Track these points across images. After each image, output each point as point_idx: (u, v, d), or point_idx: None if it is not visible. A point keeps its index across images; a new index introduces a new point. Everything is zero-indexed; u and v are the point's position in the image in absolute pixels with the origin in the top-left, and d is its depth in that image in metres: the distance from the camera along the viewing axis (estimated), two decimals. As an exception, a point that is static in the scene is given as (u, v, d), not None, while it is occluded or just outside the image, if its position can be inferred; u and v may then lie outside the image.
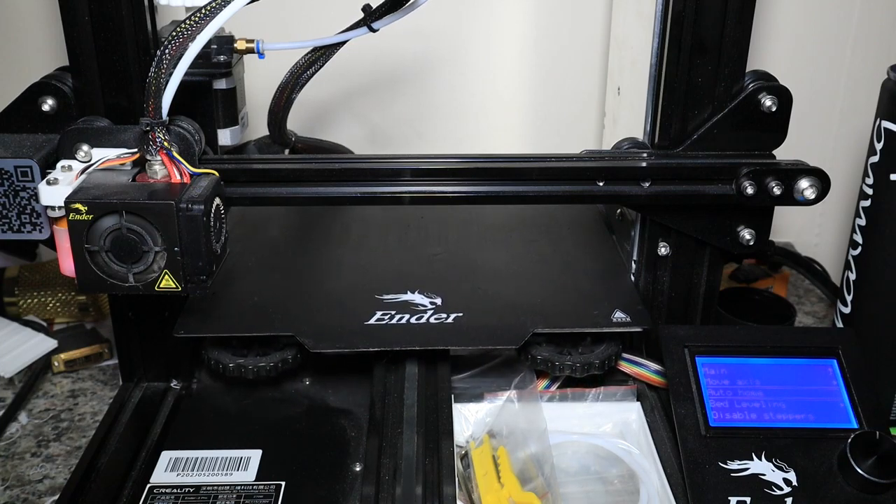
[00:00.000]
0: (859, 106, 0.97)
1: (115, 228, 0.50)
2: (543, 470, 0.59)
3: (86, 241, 0.51)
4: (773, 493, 0.55)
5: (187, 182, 0.53)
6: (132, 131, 0.55)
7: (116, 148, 0.55)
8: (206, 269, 0.51)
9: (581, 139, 0.98)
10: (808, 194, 0.61)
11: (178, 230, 0.50)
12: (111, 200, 0.50)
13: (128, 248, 0.50)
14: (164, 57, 0.51)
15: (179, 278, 0.51)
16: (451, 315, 0.65)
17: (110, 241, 0.50)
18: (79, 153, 0.55)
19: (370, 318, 0.65)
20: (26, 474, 0.66)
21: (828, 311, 0.91)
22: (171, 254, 0.50)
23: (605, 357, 0.65)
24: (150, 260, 0.51)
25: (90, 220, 0.50)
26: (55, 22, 0.59)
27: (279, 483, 0.57)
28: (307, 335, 0.63)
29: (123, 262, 0.51)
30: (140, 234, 0.50)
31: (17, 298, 0.84)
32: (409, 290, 0.68)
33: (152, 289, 0.52)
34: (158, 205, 0.50)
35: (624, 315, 0.65)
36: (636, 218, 0.68)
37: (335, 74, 0.93)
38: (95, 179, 0.53)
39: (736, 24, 0.60)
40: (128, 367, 0.69)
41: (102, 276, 0.51)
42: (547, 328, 0.64)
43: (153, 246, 0.51)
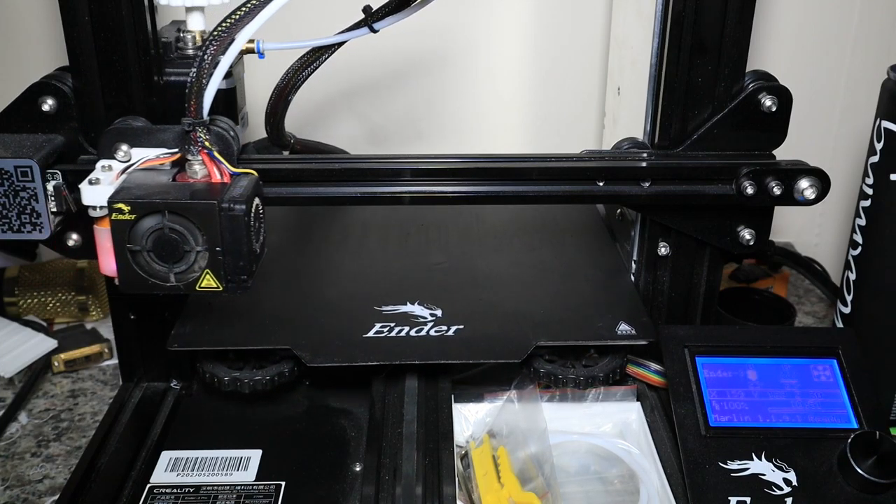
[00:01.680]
0: (859, 106, 0.97)
1: (158, 228, 0.50)
2: (543, 470, 0.59)
3: (128, 240, 0.50)
4: (773, 493, 0.55)
5: (227, 182, 0.52)
6: (171, 131, 0.54)
7: (155, 148, 0.55)
8: (247, 268, 0.51)
9: (581, 139, 0.98)
10: (808, 194, 0.61)
11: (220, 230, 0.50)
12: (154, 200, 0.50)
13: (170, 247, 0.50)
14: (205, 57, 0.50)
15: (220, 278, 0.51)
16: (452, 327, 0.64)
17: (152, 240, 0.50)
18: (118, 153, 0.54)
19: (369, 331, 0.63)
20: (26, 474, 0.66)
21: (828, 311, 0.91)
22: (212, 253, 0.50)
23: (609, 370, 0.63)
24: (192, 260, 0.51)
25: (133, 219, 0.50)
26: (55, 22, 0.59)
27: (279, 483, 0.57)
28: (304, 348, 0.61)
29: (165, 261, 0.51)
30: (182, 233, 0.50)
31: (17, 298, 0.84)
32: (408, 300, 0.67)
33: (193, 288, 0.51)
34: (201, 204, 0.49)
35: (629, 327, 0.64)
36: (636, 218, 0.68)
37: (335, 75, 0.93)
38: (136, 179, 0.53)
39: (736, 24, 0.60)
40: (128, 367, 0.69)
41: (144, 275, 0.51)
42: (550, 341, 0.63)
43: (195, 246, 0.50)
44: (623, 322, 0.64)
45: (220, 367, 0.63)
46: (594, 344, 0.64)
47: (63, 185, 0.58)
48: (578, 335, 0.63)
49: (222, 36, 0.51)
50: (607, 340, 0.63)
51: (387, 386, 0.65)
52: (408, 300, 0.67)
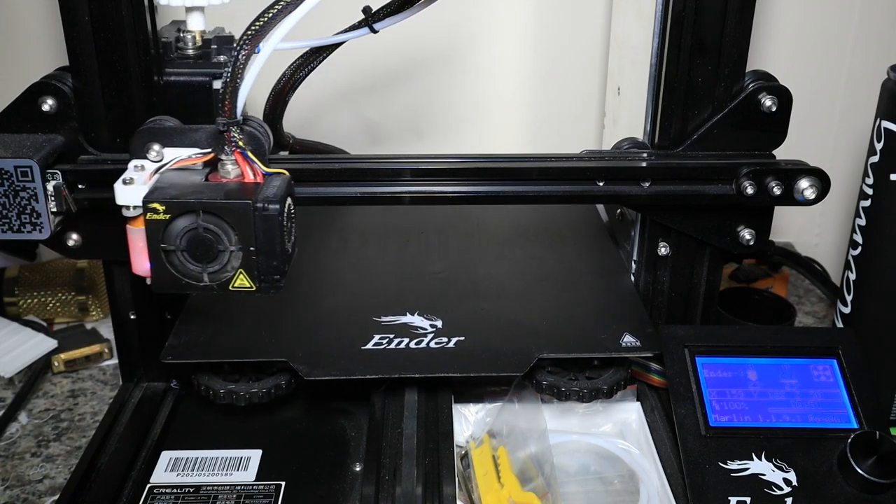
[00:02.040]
0: (859, 106, 0.97)
1: (192, 228, 0.50)
2: (543, 470, 0.59)
3: (162, 240, 0.50)
4: (773, 493, 0.55)
5: (260, 182, 0.52)
6: (204, 131, 0.54)
7: (187, 148, 0.54)
8: (280, 268, 0.51)
9: (581, 139, 0.98)
10: (808, 194, 0.61)
11: (254, 230, 0.50)
12: (189, 200, 0.49)
13: (204, 247, 0.50)
14: (238, 57, 0.50)
15: (254, 278, 0.51)
16: (453, 339, 0.63)
17: (186, 240, 0.50)
18: (150, 153, 0.54)
19: (368, 342, 0.62)
20: (26, 474, 0.66)
21: (828, 311, 0.91)
22: (246, 253, 0.50)
23: (613, 382, 0.62)
24: (226, 259, 0.51)
25: (167, 219, 0.50)
26: (55, 22, 0.59)
27: (279, 483, 0.57)
28: (301, 361, 0.60)
29: (199, 261, 0.51)
30: (216, 233, 0.50)
31: (17, 298, 0.84)
32: (408, 311, 0.66)
33: (227, 288, 0.51)
34: (236, 204, 0.49)
35: (633, 339, 0.62)
36: (636, 218, 0.68)
37: (335, 74, 0.93)
38: (169, 179, 0.52)
39: (736, 24, 0.60)
40: (128, 367, 0.69)
41: (177, 275, 0.51)
42: (553, 353, 0.61)
43: (228, 245, 0.50)
44: (627, 333, 0.63)
45: (215, 379, 0.62)
46: (598, 356, 0.63)
47: (63, 185, 0.58)
48: (582, 347, 0.62)
49: (256, 35, 0.51)
50: (611, 352, 0.62)
51: (386, 399, 0.64)
52: (407, 310, 0.66)
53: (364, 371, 0.60)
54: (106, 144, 0.61)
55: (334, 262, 0.74)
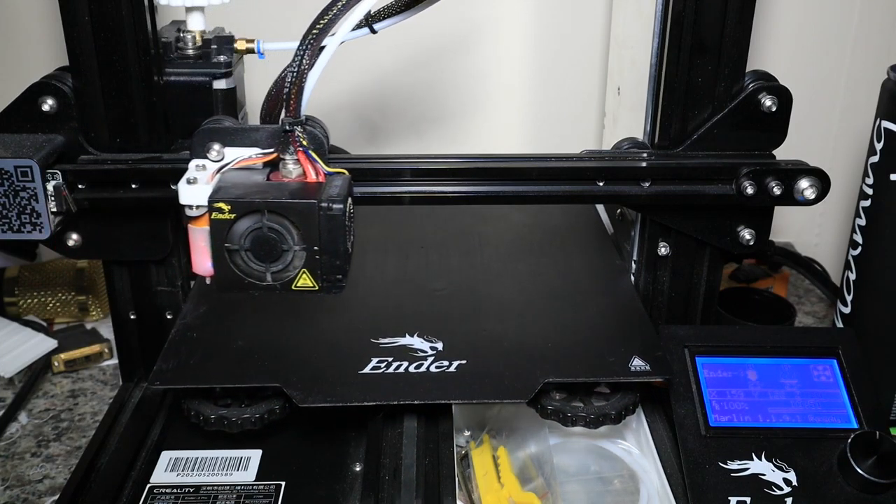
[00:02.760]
0: (859, 106, 0.97)
1: (257, 227, 0.50)
2: (543, 470, 0.59)
3: (225, 240, 0.50)
4: (773, 493, 0.55)
5: (322, 181, 0.52)
6: (264, 131, 0.54)
7: (247, 147, 0.54)
8: (343, 268, 0.51)
9: (581, 139, 0.98)
10: (808, 194, 0.61)
11: (319, 229, 0.50)
12: (254, 199, 0.49)
13: (268, 247, 0.50)
14: (304, 57, 0.50)
15: (317, 277, 0.51)
16: (454, 363, 0.59)
17: (250, 240, 0.50)
18: (210, 153, 0.54)
19: (365, 366, 0.59)
20: (26, 474, 0.66)
21: (828, 311, 0.91)
22: (310, 253, 0.50)
23: (621, 407, 0.59)
24: (289, 259, 0.51)
25: (232, 219, 0.50)
26: (55, 22, 0.59)
27: (279, 483, 0.57)
28: (295, 386, 0.57)
29: (262, 261, 0.51)
30: (280, 233, 0.50)
31: (17, 298, 0.84)
32: (407, 332, 0.62)
33: (289, 288, 0.51)
34: (301, 204, 0.49)
35: (643, 363, 0.59)
36: (636, 218, 0.68)
37: (335, 75, 0.93)
38: (231, 179, 0.52)
39: (736, 24, 0.60)
40: (128, 367, 0.69)
41: (241, 275, 0.51)
42: (559, 377, 0.58)
43: (292, 245, 0.50)
44: (637, 356, 0.60)
45: (205, 403, 0.59)
46: (606, 381, 0.60)
47: (63, 185, 0.58)
48: (589, 371, 0.59)
49: (321, 33, 0.50)
50: (620, 377, 0.58)
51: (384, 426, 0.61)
52: (407, 331, 0.63)
53: (361, 398, 0.57)
54: (106, 144, 0.61)
55: None
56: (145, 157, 0.61)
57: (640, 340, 0.61)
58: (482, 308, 0.66)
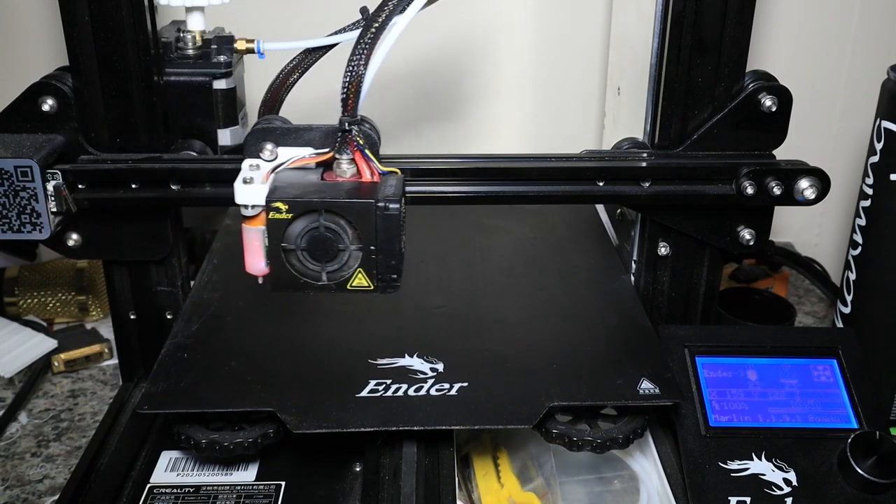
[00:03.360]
0: (859, 106, 0.97)
1: (313, 227, 0.50)
2: (543, 470, 0.59)
3: (282, 239, 0.50)
4: (773, 493, 0.55)
5: (377, 181, 0.52)
6: (318, 130, 0.54)
7: (300, 147, 0.54)
8: (398, 267, 0.51)
9: (581, 139, 0.98)
10: (808, 194, 0.61)
11: (375, 228, 0.50)
12: (312, 199, 0.50)
13: (324, 246, 0.50)
14: (360, 57, 0.50)
15: (372, 277, 0.51)
16: (455, 385, 0.57)
17: (307, 239, 0.50)
18: (264, 152, 0.54)
19: (362, 389, 0.56)
20: (26, 474, 0.66)
21: (828, 311, 0.91)
22: (366, 252, 0.50)
23: (629, 431, 0.56)
24: (345, 259, 0.51)
25: (290, 218, 0.50)
26: (55, 22, 0.59)
27: (279, 483, 0.57)
28: (289, 411, 0.54)
29: (318, 260, 0.51)
30: (337, 232, 0.50)
31: (17, 298, 0.84)
32: (406, 352, 0.60)
33: (345, 287, 0.51)
34: (359, 203, 0.49)
35: (652, 385, 0.57)
36: (636, 218, 0.68)
37: (335, 74, 0.93)
38: (287, 178, 0.52)
39: (736, 24, 0.60)
40: (128, 367, 0.69)
41: (296, 274, 0.51)
42: (564, 401, 0.56)
43: (349, 245, 0.50)
44: (646, 379, 0.57)
45: (196, 427, 0.56)
46: (614, 404, 0.57)
47: (63, 185, 0.58)
48: (596, 394, 0.56)
49: (377, 34, 0.50)
50: (628, 401, 0.56)
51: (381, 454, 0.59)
52: (406, 351, 0.60)
53: (359, 423, 0.54)
54: (106, 144, 0.61)
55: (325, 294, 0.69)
56: (145, 157, 0.61)
57: (649, 361, 0.59)
58: (484, 326, 0.64)
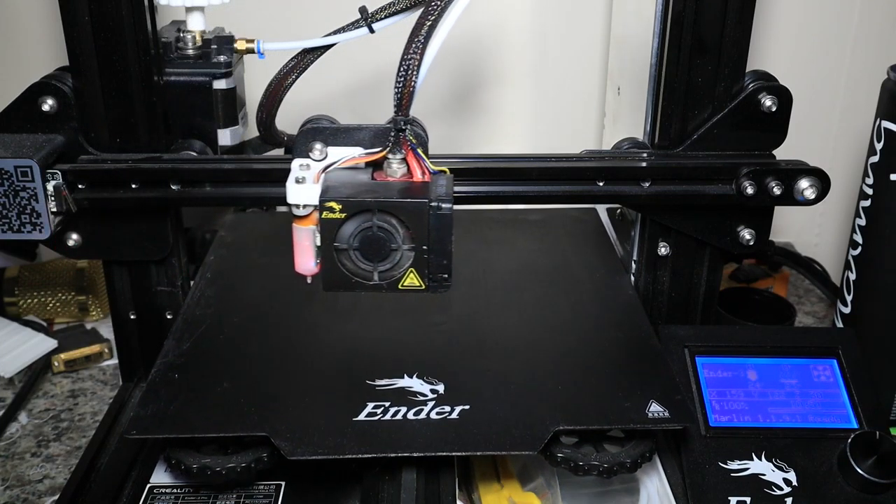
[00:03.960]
0: (859, 106, 0.97)
1: (366, 227, 0.50)
2: (543, 470, 0.59)
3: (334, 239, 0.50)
4: (773, 493, 0.55)
5: (428, 180, 0.52)
6: (367, 130, 0.54)
7: (350, 147, 0.54)
8: (448, 267, 0.51)
9: (581, 139, 0.98)
10: (808, 194, 0.61)
11: (428, 228, 0.50)
12: (365, 199, 0.50)
13: (376, 246, 0.50)
14: (413, 56, 0.50)
15: (424, 276, 0.51)
16: (456, 408, 0.55)
17: (359, 239, 0.50)
18: (313, 152, 0.53)
19: (360, 413, 0.54)
20: (26, 474, 0.66)
21: (828, 311, 0.91)
22: (418, 252, 0.50)
23: (637, 455, 0.54)
24: (397, 258, 0.51)
25: (343, 218, 0.50)
26: (55, 22, 0.59)
27: (279, 483, 0.57)
28: (284, 436, 0.52)
29: (370, 260, 0.51)
30: (389, 232, 0.50)
31: (17, 298, 0.84)
32: (406, 373, 0.58)
33: (396, 287, 0.52)
34: (412, 203, 0.49)
35: (661, 408, 0.55)
36: (636, 218, 0.68)
37: (335, 73, 0.93)
38: (338, 178, 0.52)
39: (736, 24, 0.60)
40: (128, 367, 0.69)
41: (348, 274, 0.51)
42: (570, 425, 0.54)
43: (401, 244, 0.51)
44: (654, 401, 0.55)
45: (187, 451, 0.54)
46: (621, 428, 0.55)
47: (63, 185, 0.58)
48: (602, 417, 0.54)
49: (428, 34, 0.50)
50: (636, 425, 0.54)
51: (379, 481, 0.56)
52: (405, 372, 0.58)
53: (355, 448, 0.52)
54: (106, 144, 0.61)
55: (323, 312, 0.65)
56: (145, 157, 0.61)
57: (658, 381, 0.57)
58: (486, 344, 0.62)
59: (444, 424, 0.54)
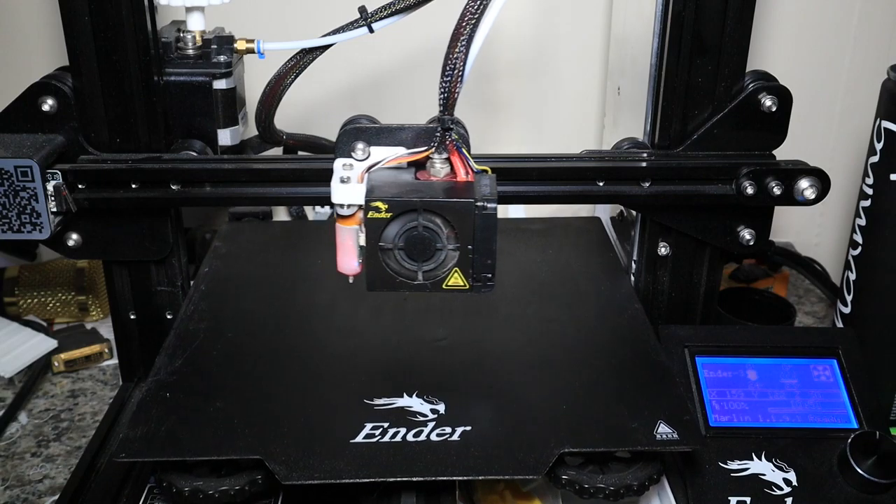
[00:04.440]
0: (859, 106, 0.97)
1: (412, 227, 0.50)
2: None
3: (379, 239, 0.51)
4: (773, 493, 0.55)
5: (472, 180, 0.52)
6: (410, 130, 0.54)
7: (393, 146, 0.54)
8: (493, 267, 0.51)
9: (581, 139, 0.98)
10: (808, 194, 0.61)
11: (473, 228, 0.50)
12: (412, 199, 0.50)
13: (421, 246, 0.50)
14: (458, 56, 0.51)
15: (468, 276, 0.51)
16: (458, 429, 0.53)
17: (404, 239, 0.50)
18: (356, 152, 0.53)
19: (357, 434, 0.52)
20: (26, 474, 0.66)
21: (828, 311, 0.91)
22: (463, 251, 0.51)
23: (644, 478, 0.53)
24: (442, 258, 0.51)
25: (389, 218, 0.50)
26: (55, 22, 0.59)
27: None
28: (278, 459, 0.50)
29: (415, 260, 0.51)
30: (434, 231, 0.50)
31: (17, 298, 0.84)
32: (405, 391, 0.56)
33: (440, 287, 0.52)
34: (458, 203, 0.50)
35: (670, 429, 0.53)
36: (636, 218, 0.68)
37: (335, 73, 0.93)
38: (381, 178, 0.52)
39: (736, 24, 0.60)
40: (128, 367, 0.69)
41: (392, 274, 0.51)
42: (576, 447, 0.52)
43: (446, 244, 0.51)
44: (662, 422, 0.53)
45: (178, 474, 0.52)
46: (629, 450, 0.53)
47: (63, 185, 0.58)
48: (609, 439, 0.52)
49: (471, 34, 0.51)
50: (644, 446, 0.52)
51: None
52: (405, 391, 0.56)
53: (353, 473, 0.50)
54: (106, 144, 0.61)
55: (321, 325, 0.64)
56: (145, 157, 0.61)
57: (666, 400, 0.55)
58: (488, 361, 0.60)
59: (445, 447, 0.52)
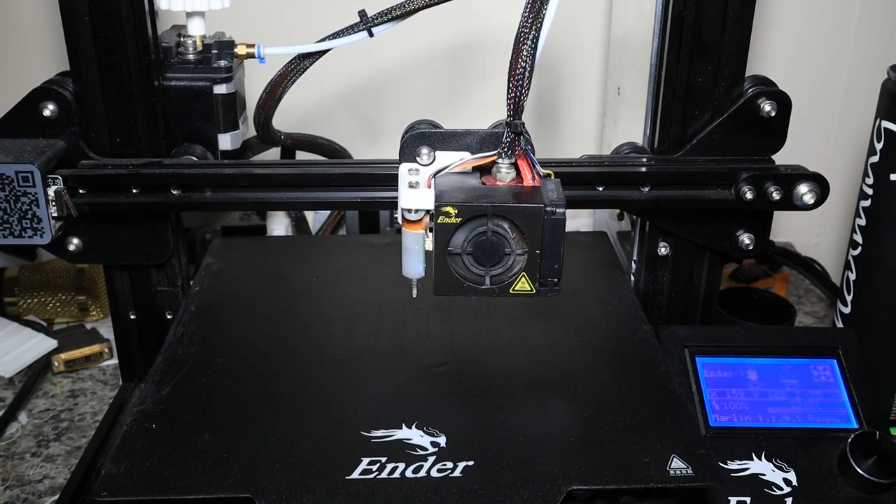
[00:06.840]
0: (859, 106, 0.97)
1: (481, 231, 0.50)
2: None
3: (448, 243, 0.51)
4: (773, 493, 0.55)
5: (537, 185, 0.52)
6: (474, 134, 0.54)
7: (458, 151, 0.54)
8: (560, 272, 0.51)
9: (581, 139, 0.98)
10: (808, 199, 0.61)
11: (542, 233, 0.50)
12: (482, 204, 0.50)
13: (490, 250, 0.50)
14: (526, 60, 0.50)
15: (535, 281, 0.51)
16: (459, 464, 0.50)
17: (473, 244, 0.50)
18: (421, 157, 0.53)
19: (353, 470, 0.50)
20: (26, 474, 0.66)
21: (828, 311, 0.91)
22: (531, 256, 0.50)
23: None
24: (509, 263, 0.51)
25: (458, 223, 0.50)
26: (56, 27, 0.59)
27: None
28: (269, 498, 0.48)
29: (482, 264, 0.51)
30: (503, 236, 0.50)
31: (17, 298, 0.84)
32: (404, 422, 0.53)
33: (507, 291, 0.52)
34: (528, 208, 0.50)
35: (683, 465, 0.50)
36: (636, 218, 0.68)
37: (335, 74, 0.93)
38: (448, 183, 0.52)
39: (736, 25, 0.60)
40: (128, 367, 0.70)
41: (459, 278, 0.51)
42: (584, 484, 0.49)
43: (514, 249, 0.51)
44: (676, 456, 0.51)
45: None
46: (640, 487, 0.50)
47: (64, 190, 0.58)
48: (620, 475, 0.49)
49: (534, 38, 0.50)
50: (657, 483, 0.49)
51: None
52: (404, 421, 0.53)
53: None
54: (107, 149, 0.61)
55: (317, 352, 0.61)
56: (146, 162, 0.61)
57: (679, 434, 0.52)
58: (491, 389, 0.57)
59: (446, 483, 0.49)
